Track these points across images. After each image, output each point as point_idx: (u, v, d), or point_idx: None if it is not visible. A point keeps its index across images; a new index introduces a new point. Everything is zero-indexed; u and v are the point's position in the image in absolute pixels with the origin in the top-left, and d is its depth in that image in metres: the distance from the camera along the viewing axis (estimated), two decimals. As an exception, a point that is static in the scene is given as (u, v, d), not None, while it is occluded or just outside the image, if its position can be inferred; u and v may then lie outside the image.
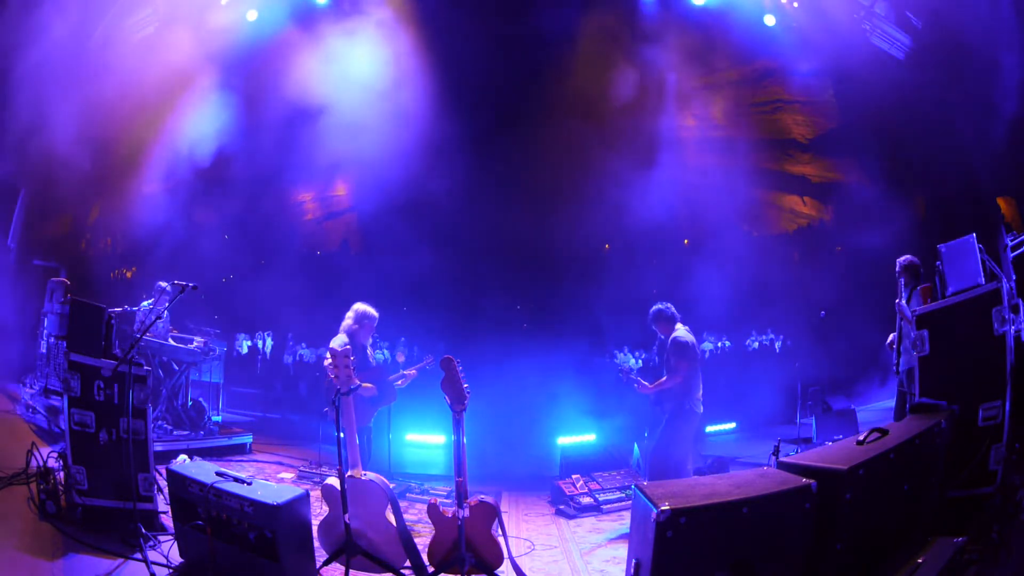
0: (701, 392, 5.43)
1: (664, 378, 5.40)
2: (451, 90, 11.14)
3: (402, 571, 3.93)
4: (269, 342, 12.06)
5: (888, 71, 9.32)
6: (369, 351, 5.80)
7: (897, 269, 5.41)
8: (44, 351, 7.68)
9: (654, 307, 5.61)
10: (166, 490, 4.14)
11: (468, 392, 3.95)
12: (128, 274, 11.71)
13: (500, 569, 3.91)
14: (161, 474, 4.58)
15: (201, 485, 3.76)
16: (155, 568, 3.87)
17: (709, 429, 8.05)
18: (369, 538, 3.92)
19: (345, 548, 3.77)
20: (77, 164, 8.92)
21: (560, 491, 6.14)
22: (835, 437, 6.56)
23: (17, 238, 9.46)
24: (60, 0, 8.02)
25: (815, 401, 8.15)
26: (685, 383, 5.32)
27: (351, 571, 3.74)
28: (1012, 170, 8.15)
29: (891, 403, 6.75)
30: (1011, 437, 3.87)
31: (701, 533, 2.67)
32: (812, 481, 2.85)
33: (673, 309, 5.56)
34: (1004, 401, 3.89)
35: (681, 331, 5.45)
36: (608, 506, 5.99)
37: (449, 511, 3.89)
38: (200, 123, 9.84)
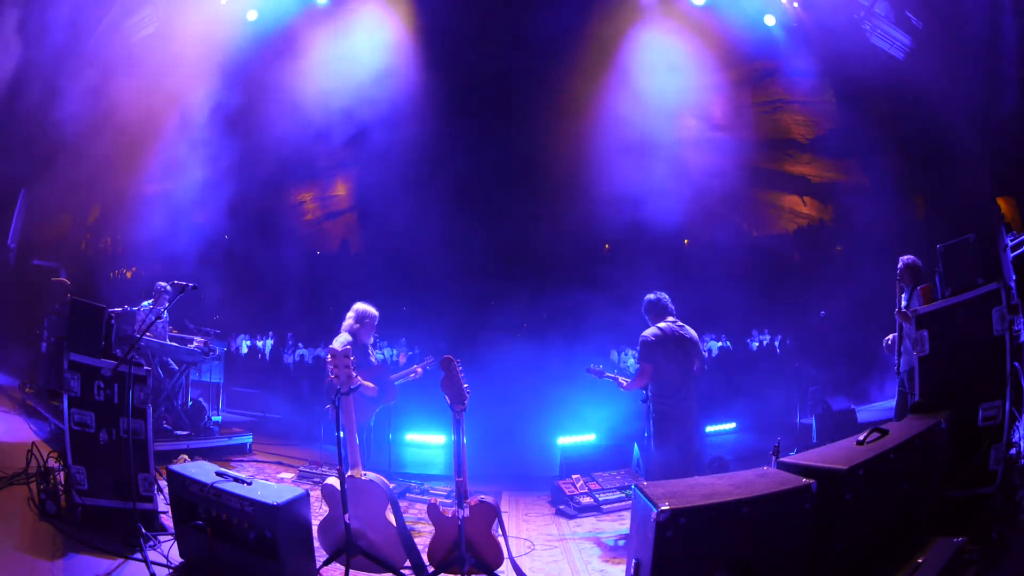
0: (690, 389, 5.11)
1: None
2: (451, 89, 11.14)
3: (402, 571, 3.93)
4: (269, 342, 12.06)
5: (888, 71, 9.32)
6: (371, 350, 5.82)
7: (898, 269, 5.40)
8: (44, 351, 7.68)
9: (647, 297, 5.36)
10: (166, 490, 4.14)
11: (468, 392, 3.95)
12: (128, 274, 11.70)
13: (500, 569, 3.91)
14: (161, 474, 4.58)
15: (201, 485, 3.76)
16: (155, 568, 3.87)
17: (709, 429, 8.02)
18: (369, 538, 3.92)
19: (345, 548, 3.77)
20: (77, 164, 8.93)
21: (560, 491, 6.13)
22: (835, 437, 6.55)
23: (17, 238, 9.46)
24: (60, 0, 8.03)
25: (815, 401, 8.13)
26: (654, 382, 5.07)
27: (351, 571, 3.74)
28: (1012, 170, 8.15)
29: (891, 403, 6.75)
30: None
31: (701, 533, 2.67)
32: (812, 481, 2.85)
33: (665, 301, 5.27)
34: (1004, 401, 3.89)
35: (650, 328, 5.16)
36: (608, 506, 5.99)
37: (449, 511, 3.89)
38: (200, 123, 9.84)
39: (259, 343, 11.97)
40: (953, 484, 3.83)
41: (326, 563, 3.94)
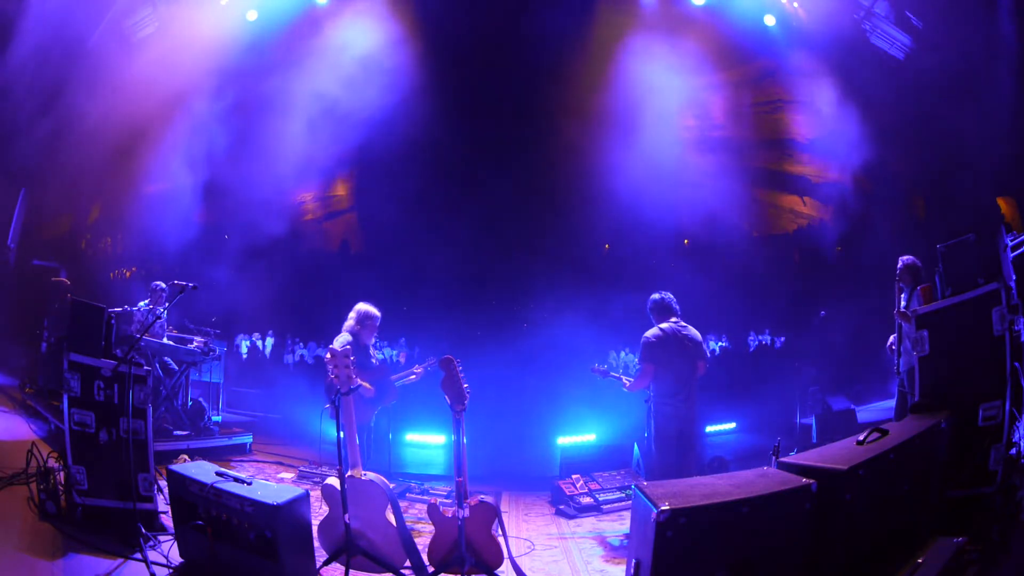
0: (692, 389, 5.08)
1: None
2: (451, 88, 11.15)
3: (402, 571, 3.93)
4: (269, 342, 12.05)
5: (888, 71, 9.33)
6: (372, 350, 5.81)
7: (898, 269, 5.40)
8: (44, 351, 7.68)
9: (651, 296, 5.30)
10: (166, 490, 4.14)
11: (468, 392, 3.95)
12: (128, 274, 11.71)
13: (500, 569, 3.91)
14: (161, 474, 4.58)
15: (201, 485, 3.76)
16: (155, 568, 3.86)
17: (709, 429, 8.02)
18: (369, 538, 3.92)
19: (345, 548, 3.77)
20: (77, 164, 8.93)
21: (560, 491, 6.13)
22: (835, 437, 6.54)
23: (17, 238, 9.46)
24: (61, 0, 8.03)
25: (815, 401, 8.14)
26: (655, 382, 5.05)
27: (351, 571, 3.74)
28: (1012, 170, 8.15)
29: (891, 403, 6.75)
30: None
31: (701, 533, 2.67)
32: (812, 481, 2.85)
33: (669, 301, 5.22)
34: (1004, 401, 3.89)
35: (652, 329, 5.13)
36: (608, 506, 5.99)
37: (449, 511, 3.89)
38: (200, 123, 9.85)
39: (259, 343, 11.96)
40: (953, 484, 3.83)
41: (326, 563, 3.94)
